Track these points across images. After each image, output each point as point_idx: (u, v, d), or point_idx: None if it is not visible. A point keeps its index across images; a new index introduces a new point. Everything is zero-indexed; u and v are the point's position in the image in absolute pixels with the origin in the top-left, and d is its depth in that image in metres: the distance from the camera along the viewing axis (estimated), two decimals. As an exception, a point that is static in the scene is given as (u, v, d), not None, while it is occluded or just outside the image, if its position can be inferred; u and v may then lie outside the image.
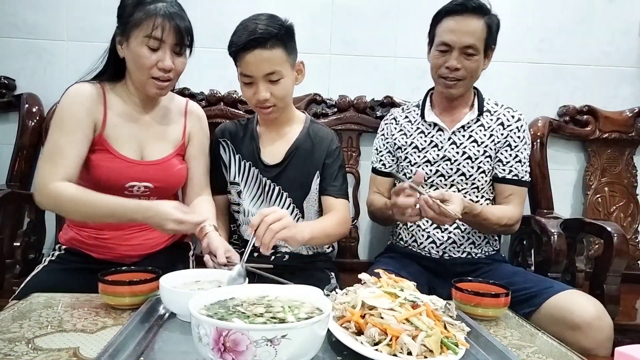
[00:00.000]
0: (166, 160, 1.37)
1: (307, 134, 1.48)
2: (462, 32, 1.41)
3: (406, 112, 1.64)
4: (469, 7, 1.40)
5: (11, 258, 1.62)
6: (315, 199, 1.49)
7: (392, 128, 1.62)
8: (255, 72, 1.31)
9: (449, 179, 1.53)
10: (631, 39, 2.00)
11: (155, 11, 1.22)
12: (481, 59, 1.45)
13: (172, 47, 1.26)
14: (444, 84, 1.47)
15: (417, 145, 1.56)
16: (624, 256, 1.50)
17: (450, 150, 1.52)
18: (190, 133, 1.44)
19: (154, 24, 1.22)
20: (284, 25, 1.32)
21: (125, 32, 1.26)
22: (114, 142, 1.31)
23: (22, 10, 1.89)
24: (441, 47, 1.45)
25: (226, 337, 0.65)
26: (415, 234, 1.56)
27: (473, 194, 1.54)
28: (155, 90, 1.30)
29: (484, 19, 1.42)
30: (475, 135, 1.52)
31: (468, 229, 1.53)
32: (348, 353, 0.81)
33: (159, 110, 1.40)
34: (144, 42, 1.23)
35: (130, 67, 1.30)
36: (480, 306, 1.03)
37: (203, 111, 1.52)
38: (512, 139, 1.52)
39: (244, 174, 1.47)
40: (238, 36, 1.30)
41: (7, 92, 1.88)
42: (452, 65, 1.43)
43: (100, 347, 0.80)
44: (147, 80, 1.27)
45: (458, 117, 1.54)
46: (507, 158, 1.52)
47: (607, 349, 1.24)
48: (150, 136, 1.36)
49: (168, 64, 1.26)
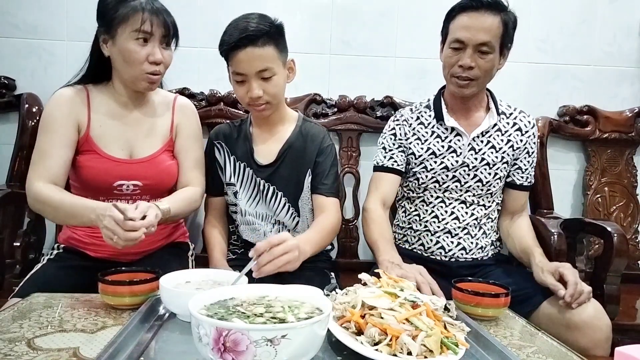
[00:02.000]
0: (155, 157, 1.38)
1: (299, 133, 1.48)
2: (477, 29, 1.33)
3: (416, 113, 1.55)
4: (484, 3, 1.33)
5: (11, 258, 1.62)
6: (309, 197, 1.49)
7: (406, 130, 1.52)
8: (247, 70, 1.31)
9: (465, 184, 1.48)
10: (632, 39, 2.00)
11: (141, 6, 1.25)
12: (496, 58, 1.38)
13: (160, 40, 1.28)
14: (457, 83, 1.40)
15: (434, 151, 1.48)
16: (624, 256, 1.50)
17: (469, 157, 1.47)
18: (178, 126, 1.44)
19: (142, 19, 1.24)
20: (274, 23, 1.33)
21: (110, 29, 1.27)
22: (100, 142, 1.33)
23: (22, 10, 1.89)
24: (454, 44, 1.37)
25: (226, 337, 0.65)
26: (422, 238, 1.53)
27: (486, 199, 1.52)
28: (147, 85, 1.32)
29: (500, 15, 1.34)
30: (493, 141, 1.48)
31: (478, 234, 1.51)
32: (348, 353, 0.81)
33: (146, 106, 1.41)
34: (132, 36, 1.25)
35: (118, 64, 1.31)
36: (480, 306, 1.03)
37: (192, 104, 1.53)
38: (529, 146, 1.50)
39: (239, 175, 1.48)
40: (229, 35, 1.31)
41: (7, 92, 1.88)
42: (465, 64, 1.36)
43: (100, 347, 0.80)
44: (139, 75, 1.29)
45: (476, 121, 1.48)
46: (526, 165, 1.51)
47: (606, 349, 1.24)
48: (138, 133, 1.38)
49: (159, 57, 1.28)
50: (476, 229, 1.51)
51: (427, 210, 1.52)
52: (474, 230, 1.50)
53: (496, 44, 1.36)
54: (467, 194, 1.50)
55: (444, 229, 1.50)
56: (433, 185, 1.50)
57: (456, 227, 1.50)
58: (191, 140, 1.46)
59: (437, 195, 1.51)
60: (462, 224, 1.50)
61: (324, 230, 1.37)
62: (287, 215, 1.48)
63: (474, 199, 1.50)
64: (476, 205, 1.51)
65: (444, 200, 1.51)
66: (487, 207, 1.52)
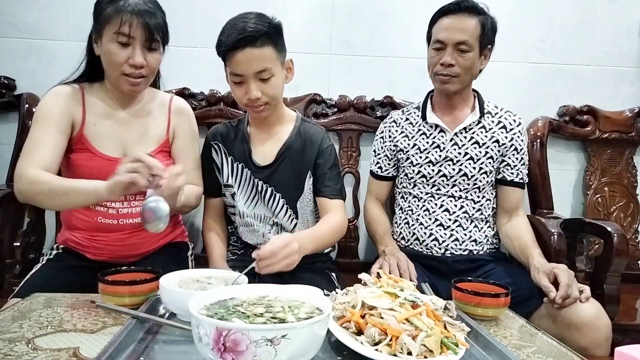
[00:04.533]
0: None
1: (297, 133, 1.47)
2: (455, 29, 1.44)
3: (406, 114, 1.64)
4: (462, 7, 1.45)
5: (11, 258, 1.62)
6: (310, 199, 1.48)
7: (393, 131, 1.63)
8: (245, 71, 1.30)
9: (451, 179, 1.54)
10: (632, 39, 2.00)
11: (123, 7, 1.23)
12: (475, 57, 1.46)
13: (143, 43, 1.26)
14: (439, 80, 1.49)
15: (419, 146, 1.57)
16: (624, 256, 1.50)
17: (452, 151, 1.53)
18: (175, 129, 1.44)
19: (121, 20, 1.22)
20: (273, 23, 1.31)
21: (98, 29, 1.27)
22: (94, 140, 1.32)
23: (22, 10, 1.89)
24: (436, 44, 1.48)
25: (226, 337, 0.65)
26: (417, 232, 1.57)
27: (474, 194, 1.55)
28: (129, 87, 1.30)
29: (478, 18, 1.45)
30: (476, 136, 1.53)
31: (470, 227, 1.54)
32: (348, 353, 0.81)
33: (139, 107, 1.41)
34: (113, 38, 1.24)
35: (104, 64, 1.31)
36: (480, 306, 1.03)
37: (189, 106, 1.52)
38: (516, 143, 1.55)
39: (236, 176, 1.46)
40: (227, 35, 1.29)
41: (7, 92, 1.88)
42: (445, 62, 1.45)
43: (100, 347, 0.80)
44: (118, 76, 1.28)
45: (459, 118, 1.55)
46: (515, 162, 1.55)
47: (606, 349, 1.25)
48: (132, 133, 1.37)
49: (138, 60, 1.25)
50: (468, 222, 1.55)
51: (419, 205, 1.58)
52: (465, 223, 1.54)
53: (475, 43, 1.45)
54: (454, 188, 1.55)
55: (435, 221, 1.55)
56: (421, 179, 1.57)
57: (447, 219, 1.54)
58: (189, 141, 1.46)
59: (427, 191, 1.57)
60: (452, 217, 1.55)
61: (329, 228, 1.37)
62: (285, 216, 1.47)
63: (461, 193, 1.55)
64: (465, 199, 1.55)
65: (433, 195, 1.57)
66: (476, 202, 1.55)
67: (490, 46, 1.50)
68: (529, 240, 1.49)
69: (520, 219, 1.57)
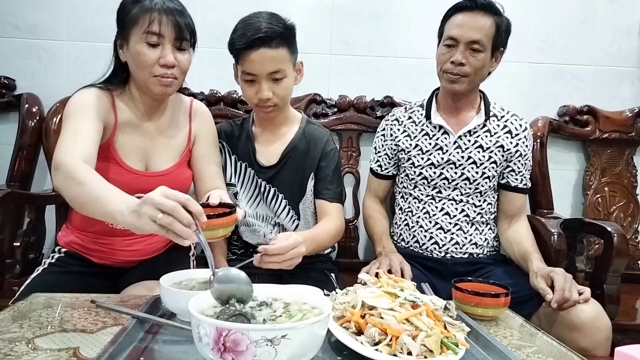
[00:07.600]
0: (172, 171, 1.33)
1: (302, 135, 1.47)
2: (470, 27, 1.38)
3: (409, 112, 1.61)
4: (478, 4, 1.39)
5: (11, 258, 1.61)
6: (312, 201, 1.48)
7: (395, 129, 1.59)
8: (259, 71, 1.29)
9: (452, 182, 1.52)
10: (632, 39, 2.00)
11: (151, 6, 1.19)
12: (487, 58, 1.42)
13: (173, 42, 1.20)
14: (448, 78, 1.44)
15: (421, 147, 1.54)
16: (624, 256, 1.50)
17: (455, 154, 1.50)
18: (196, 135, 1.39)
19: (150, 18, 1.17)
20: (287, 24, 1.31)
21: (124, 32, 1.22)
22: (120, 151, 1.26)
23: (22, 10, 1.89)
24: (448, 41, 1.42)
25: (226, 337, 0.65)
26: (417, 235, 1.56)
27: (476, 199, 1.53)
28: (160, 88, 1.23)
29: (494, 18, 1.40)
30: (481, 140, 1.50)
31: (470, 230, 1.53)
32: (348, 353, 0.81)
33: (164, 117, 1.35)
34: (142, 38, 1.18)
35: (132, 68, 1.25)
36: (480, 306, 1.03)
37: (207, 108, 1.47)
38: (522, 148, 1.52)
39: (240, 175, 1.47)
40: (241, 34, 1.28)
41: (7, 92, 1.88)
42: (456, 60, 1.40)
43: (100, 347, 0.80)
44: (149, 78, 1.21)
45: (464, 121, 1.52)
46: (520, 168, 1.53)
47: (606, 349, 1.24)
48: (155, 146, 1.32)
49: (170, 59, 1.20)
50: (468, 225, 1.53)
51: (419, 207, 1.56)
52: (466, 226, 1.53)
53: (488, 43, 1.40)
54: (455, 191, 1.52)
55: (435, 224, 1.53)
56: (422, 181, 1.54)
57: (447, 222, 1.53)
58: (212, 145, 1.41)
59: (428, 193, 1.55)
60: (453, 220, 1.53)
61: (326, 232, 1.37)
62: (287, 217, 1.47)
63: (462, 197, 1.52)
64: (466, 203, 1.53)
65: (434, 197, 1.54)
66: (477, 206, 1.53)
67: (503, 49, 1.46)
68: (529, 245, 1.48)
69: (521, 223, 1.55)
